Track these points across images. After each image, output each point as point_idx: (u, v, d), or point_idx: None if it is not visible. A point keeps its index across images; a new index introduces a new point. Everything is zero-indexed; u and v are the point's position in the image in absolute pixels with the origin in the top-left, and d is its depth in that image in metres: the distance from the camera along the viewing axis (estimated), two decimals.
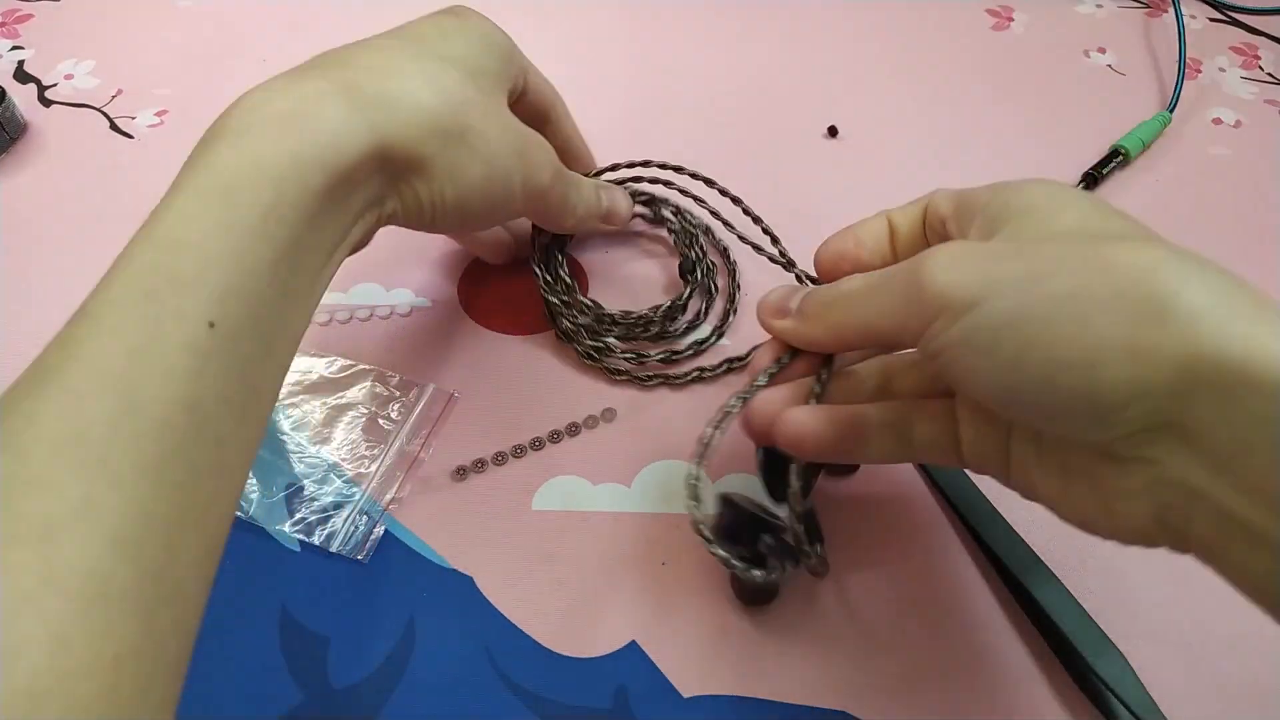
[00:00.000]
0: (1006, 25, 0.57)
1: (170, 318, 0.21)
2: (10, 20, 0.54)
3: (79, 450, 0.19)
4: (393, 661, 0.29)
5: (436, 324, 0.39)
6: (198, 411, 0.21)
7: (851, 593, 0.31)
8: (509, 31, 0.33)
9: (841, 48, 0.54)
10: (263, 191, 0.23)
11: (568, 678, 0.29)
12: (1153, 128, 0.49)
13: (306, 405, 0.36)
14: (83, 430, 0.19)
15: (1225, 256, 0.22)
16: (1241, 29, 0.58)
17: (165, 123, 0.47)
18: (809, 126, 0.49)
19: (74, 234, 0.42)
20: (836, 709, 0.29)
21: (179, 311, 0.21)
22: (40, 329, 0.21)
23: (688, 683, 0.29)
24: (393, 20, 0.32)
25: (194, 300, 0.21)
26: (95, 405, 0.19)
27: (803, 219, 0.44)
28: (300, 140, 0.25)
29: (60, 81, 0.50)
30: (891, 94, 0.52)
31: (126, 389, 0.20)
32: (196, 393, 0.21)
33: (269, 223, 0.23)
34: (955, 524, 0.33)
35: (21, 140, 0.46)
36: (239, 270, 0.22)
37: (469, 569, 0.32)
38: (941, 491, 0.34)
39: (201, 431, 0.21)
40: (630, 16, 0.55)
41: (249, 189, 0.23)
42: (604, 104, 0.50)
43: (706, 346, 0.38)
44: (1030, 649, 0.30)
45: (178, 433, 0.20)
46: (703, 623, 0.31)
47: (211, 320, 0.22)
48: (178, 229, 0.22)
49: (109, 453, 0.19)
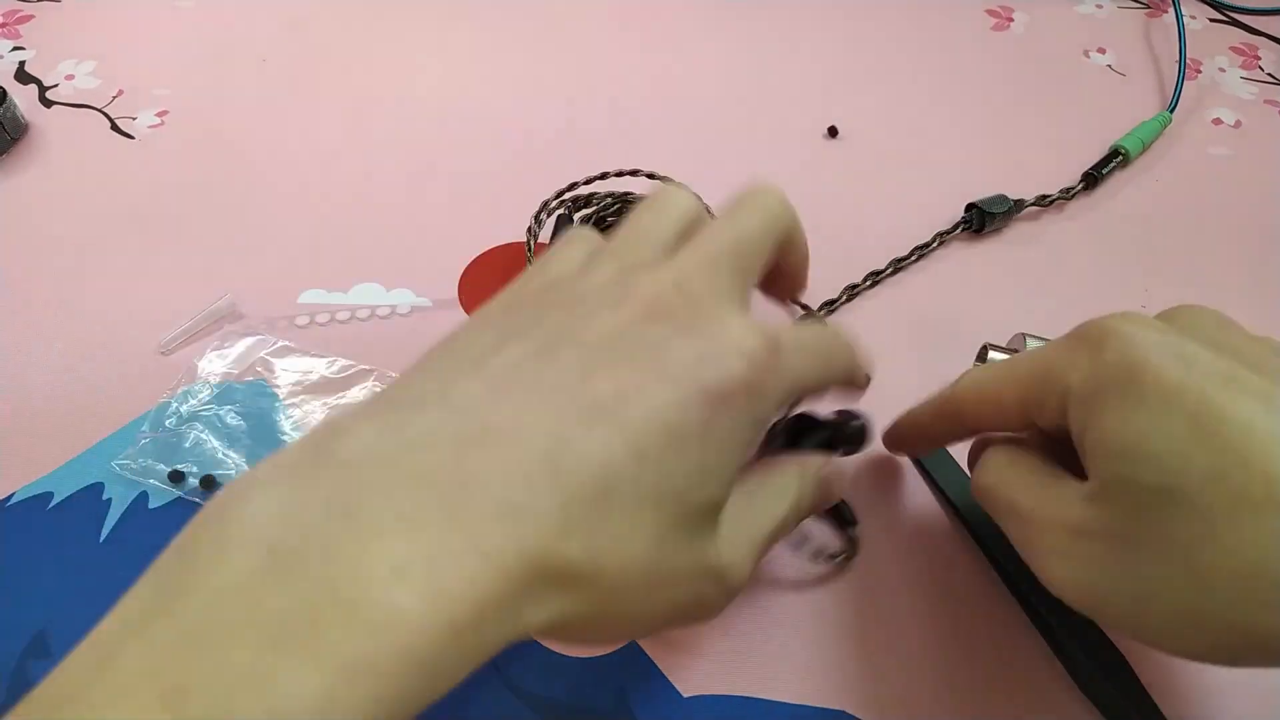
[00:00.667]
0: (1006, 25, 0.57)
1: None
2: (11, 21, 0.54)
3: None
4: None
5: (437, 324, 0.39)
6: None
7: (852, 593, 0.31)
8: (506, 33, 0.33)
9: (841, 48, 0.54)
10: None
11: (568, 677, 0.29)
12: (1153, 128, 0.49)
13: (307, 405, 0.36)
14: None
15: (1225, 256, 0.22)
16: (1241, 29, 0.58)
17: (166, 123, 0.47)
18: (809, 127, 0.49)
19: (74, 234, 0.42)
20: (836, 709, 0.29)
21: None
22: (40, 329, 0.21)
23: (688, 682, 0.29)
24: (391, 20, 0.32)
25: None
26: None
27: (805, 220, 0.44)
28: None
29: (61, 82, 0.50)
30: (891, 94, 0.52)
31: None
32: None
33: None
34: (955, 525, 0.33)
35: (22, 141, 0.46)
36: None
37: None
38: (941, 492, 0.34)
39: None
40: (629, 18, 0.55)
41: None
42: (602, 105, 0.50)
43: None
44: (1030, 649, 0.30)
45: None
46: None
47: None
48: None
49: None
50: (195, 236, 0.42)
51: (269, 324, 0.39)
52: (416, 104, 0.49)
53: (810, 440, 0.30)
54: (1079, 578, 0.23)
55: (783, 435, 0.30)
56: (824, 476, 0.27)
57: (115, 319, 0.38)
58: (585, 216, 0.41)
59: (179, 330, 0.38)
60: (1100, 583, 0.22)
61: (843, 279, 0.40)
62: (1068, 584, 0.23)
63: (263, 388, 0.36)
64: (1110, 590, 0.22)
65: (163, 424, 0.35)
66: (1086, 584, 0.23)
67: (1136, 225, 0.45)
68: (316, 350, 0.37)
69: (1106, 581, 0.22)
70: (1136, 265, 0.43)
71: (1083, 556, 0.22)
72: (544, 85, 0.51)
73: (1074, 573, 0.23)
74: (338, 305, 0.39)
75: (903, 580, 0.32)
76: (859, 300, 0.40)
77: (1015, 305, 0.41)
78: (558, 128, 0.48)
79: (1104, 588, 0.22)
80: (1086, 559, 0.22)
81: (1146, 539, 0.21)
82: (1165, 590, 0.21)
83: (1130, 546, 0.21)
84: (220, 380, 0.36)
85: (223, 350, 0.37)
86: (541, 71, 0.51)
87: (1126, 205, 0.46)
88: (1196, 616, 0.20)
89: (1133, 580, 0.21)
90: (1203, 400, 0.20)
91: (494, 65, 0.52)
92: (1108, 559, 0.22)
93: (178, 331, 0.38)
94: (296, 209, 0.43)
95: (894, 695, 0.29)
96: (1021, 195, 0.44)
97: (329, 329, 0.39)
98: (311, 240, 0.42)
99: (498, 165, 0.46)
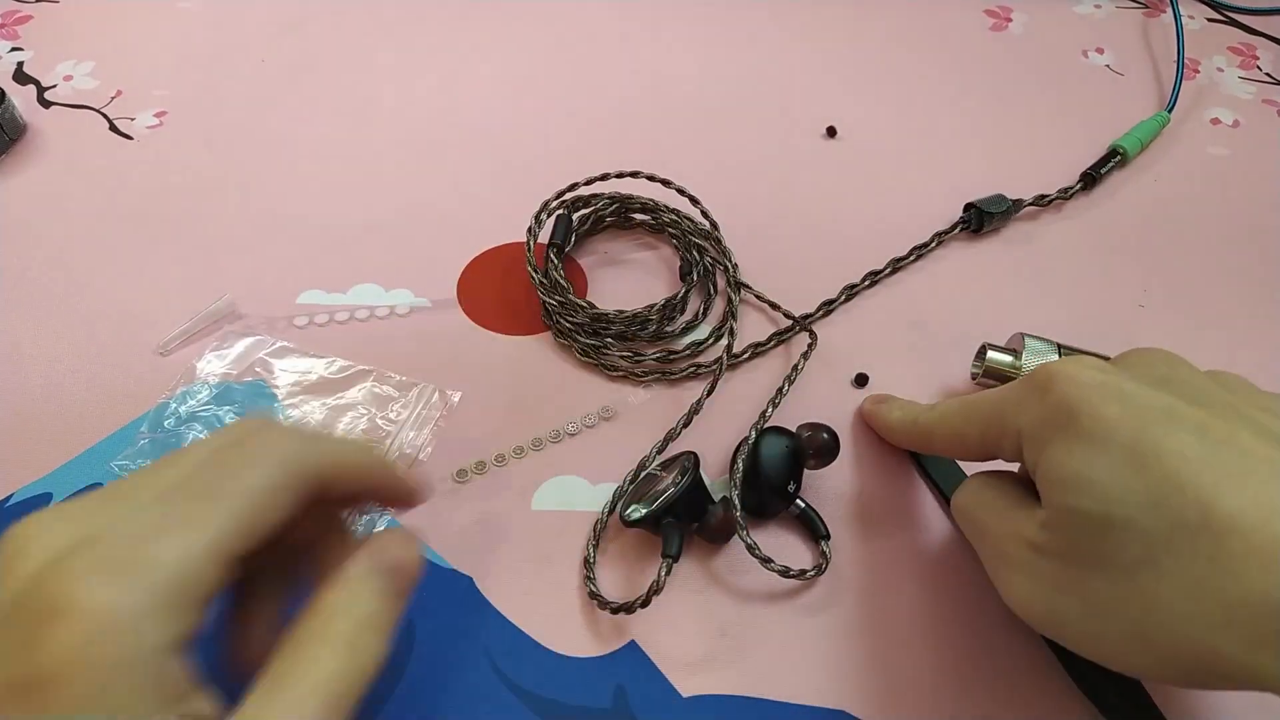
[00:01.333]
0: (1005, 26, 0.57)
1: None
2: (10, 21, 0.54)
3: None
4: (392, 662, 0.29)
5: (436, 324, 0.39)
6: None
7: (850, 592, 0.31)
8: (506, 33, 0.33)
9: (840, 48, 0.54)
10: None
11: (567, 677, 0.29)
12: (1151, 127, 0.49)
13: (306, 406, 0.36)
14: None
15: (1223, 256, 0.22)
16: (1240, 29, 0.58)
17: (164, 124, 0.47)
18: (808, 127, 0.49)
19: (73, 235, 0.42)
20: (836, 709, 0.29)
21: None
22: (40, 329, 0.21)
23: (687, 682, 0.29)
24: (391, 21, 0.32)
25: None
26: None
27: (803, 220, 0.44)
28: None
29: (60, 83, 0.50)
30: (890, 94, 0.52)
31: None
32: None
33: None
34: (954, 525, 0.33)
35: (21, 141, 0.46)
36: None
37: (468, 569, 0.32)
38: (941, 492, 0.34)
39: None
40: (627, 19, 0.55)
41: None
42: (602, 106, 0.50)
43: (704, 348, 0.38)
44: (1030, 649, 0.30)
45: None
46: (702, 622, 0.31)
47: None
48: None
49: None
50: (194, 237, 0.42)
51: (268, 324, 0.39)
52: (415, 105, 0.49)
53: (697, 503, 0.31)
54: (1035, 597, 0.25)
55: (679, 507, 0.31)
56: (387, 568, 0.23)
57: (114, 319, 0.38)
58: (584, 217, 0.41)
59: (178, 331, 0.38)
60: (1055, 602, 0.24)
61: (841, 279, 0.40)
62: (1026, 602, 0.25)
63: (262, 388, 0.36)
64: (1064, 610, 0.24)
65: (162, 424, 0.35)
66: (1042, 603, 0.24)
67: (1134, 225, 0.45)
68: (315, 351, 0.37)
69: (1061, 602, 0.24)
70: (1135, 264, 0.43)
71: (1039, 577, 0.24)
72: (544, 86, 0.51)
73: (1031, 592, 0.25)
74: (337, 306, 0.39)
75: (902, 580, 0.32)
76: (858, 300, 0.41)
77: (1014, 305, 0.41)
78: (557, 128, 0.48)
79: (1059, 608, 0.24)
80: (1042, 579, 0.24)
81: (1095, 563, 0.23)
82: (1114, 611, 0.22)
83: (1081, 569, 0.23)
84: (219, 381, 0.36)
85: (222, 351, 0.37)
86: (541, 72, 0.51)
87: (1125, 205, 0.46)
88: (1144, 636, 0.22)
89: (1083, 602, 0.23)
90: (1139, 433, 0.22)
91: (494, 65, 0.52)
92: (1061, 579, 0.24)
93: (177, 332, 0.38)
94: (295, 210, 0.43)
95: (894, 695, 0.29)
96: (1020, 195, 0.44)
97: (328, 329, 0.39)
98: (310, 241, 0.42)
99: (497, 166, 0.46)
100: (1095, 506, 0.22)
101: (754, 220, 0.43)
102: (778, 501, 0.32)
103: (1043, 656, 0.30)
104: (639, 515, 0.30)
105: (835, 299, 0.40)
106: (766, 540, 0.32)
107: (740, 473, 0.32)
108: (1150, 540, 0.21)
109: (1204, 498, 0.21)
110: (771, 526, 0.33)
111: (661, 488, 0.31)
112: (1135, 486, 0.22)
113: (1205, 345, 0.39)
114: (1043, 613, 0.25)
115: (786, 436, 0.33)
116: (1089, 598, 0.23)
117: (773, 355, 0.38)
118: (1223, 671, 0.21)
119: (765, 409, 0.34)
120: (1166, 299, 0.41)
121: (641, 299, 0.38)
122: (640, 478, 0.33)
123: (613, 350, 0.37)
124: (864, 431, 0.36)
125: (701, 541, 0.32)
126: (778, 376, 0.37)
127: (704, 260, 0.40)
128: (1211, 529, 0.20)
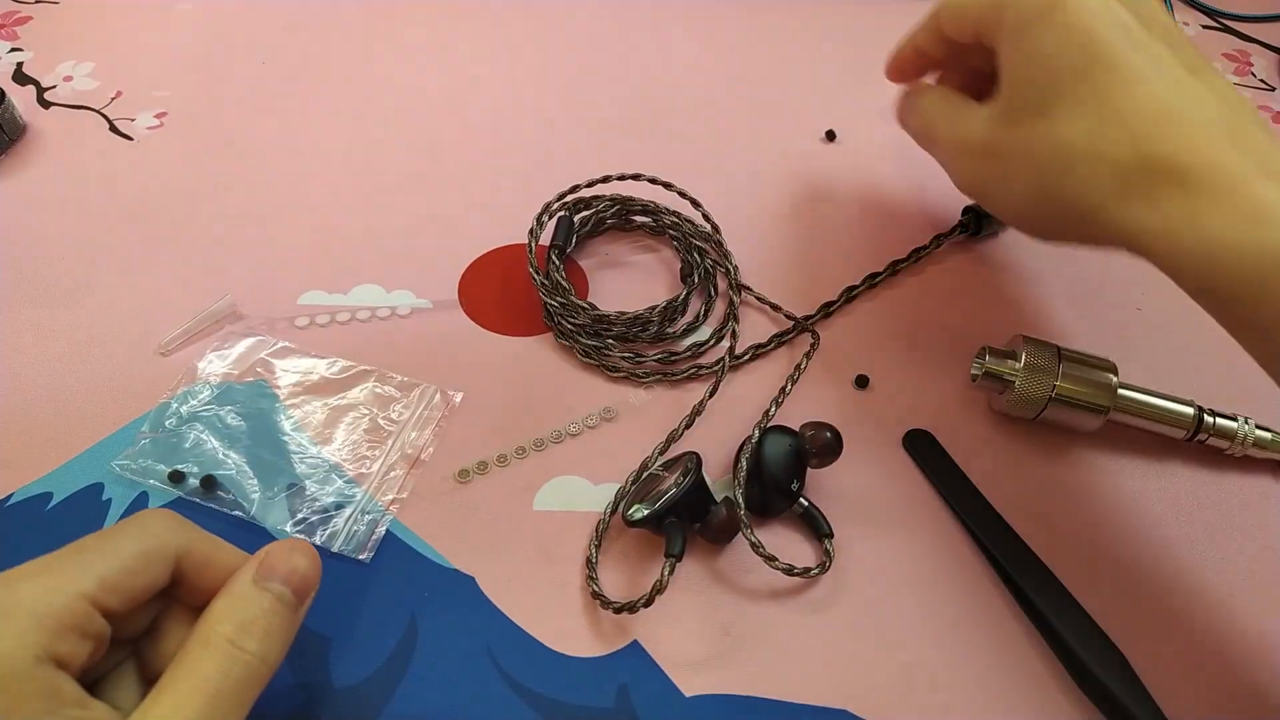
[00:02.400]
0: None
1: None
2: (9, 22, 0.54)
3: None
4: (394, 661, 0.29)
5: (437, 325, 0.39)
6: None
7: (852, 592, 0.32)
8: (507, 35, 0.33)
9: (839, 51, 0.54)
10: None
11: (570, 677, 0.29)
12: None
13: (308, 406, 0.36)
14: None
15: None
16: (1234, 36, 0.58)
17: (164, 124, 0.47)
18: (808, 130, 0.49)
19: (73, 235, 0.42)
20: (836, 708, 0.29)
21: None
22: (40, 329, 0.21)
23: (690, 682, 0.29)
24: (391, 22, 0.32)
25: None
26: None
27: (803, 222, 0.44)
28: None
29: (59, 83, 0.50)
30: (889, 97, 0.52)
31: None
32: None
33: None
34: (957, 526, 0.33)
35: (21, 142, 0.46)
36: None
37: (471, 569, 0.32)
38: (942, 493, 0.34)
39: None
40: (629, 23, 0.56)
41: None
42: (602, 110, 0.50)
43: (705, 349, 0.38)
44: (1030, 649, 0.30)
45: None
46: (704, 622, 0.31)
47: None
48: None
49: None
50: (195, 238, 0.42)
51: (269, 325, 0.39)
52: (416, 106, 0.49)
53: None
54: (974, 176, 0.34)
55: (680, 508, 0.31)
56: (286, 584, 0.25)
57: (115, 319, 0.38)
58: (585, 218, 0.42)
59: (179, 331, 0.38)
60: (983, 173, 0.33)
61: (841, 281, 0.40)
62: (966, 182, 0.35)
63: (263, 388, 0.36)
64: (990, 180, 0.33)
65: (162, 424, 0.35)
66: (979, 180, 0.34)
67: None
68: (317, 351, 0.37)
69: (987, 172, 0.33)
70: (1131, 268, 0.43)
71: (977, 159, 0.33)
72: (546, 87, 0.51)
73: (972, 173, 0.34)
74: (338, 306, 0.39)
75: (902, 580, 0.32)
76: (857, 302, 0.41)
77: (1012, 307, 0.41)
78: (559, 130, 0.48)
79: (986, 177, 0.33)
80: (980, 161, 0.33)
81: (1019, 140, 0.30)
82: (1021, 174, 0.31)
83: (1006, 148, 0.31)
84: (220, 381, 0.36)
85: (223, 351, 0.37)
86: (543, 73, 0.52)
87: None
88: (1043, 191, 0.30)
89: (1003, 175, 0.32)
90: (1092, 30, 0.28)
91: (495, 67, 0.52)
92: (992, 161, 0.32)
93: (178, 332, 0.37)
94: (296, 210, 0.43)
95: (894, 695, 0.29)
96: None
97: (329, 330, 0.39)
98: (311, 242, 0.42)
99: (498, 167, 0.46)
100: (1041, 75, 0.29)
101: (755, 222, 0.44)
102: (781, 500, 0.32)
103: (1043, 656, 0.30)
104: (642, 515, 0.30)
105: (835, 301, 0.40)
106: (770, 539, 0.32)
107: (744, 471, 0.32)
108: (1060, 87, 0.29)
109: (1116, 67, 0.28)
110: (774, 525, 0.33)
111: (664, 488, 0.31)
112: (1073, 58, 0.28)
113: (1203, 348, 0.39)
114: (978, 186, 0.34)
115: (790, 435, 0.33)
116: (1007, 171, 0.31)
117: (773, 357, 0.39)
118: (1099, 220, 0.29)
119: (769, 407, 0.34)
120: (1162, 301, 0.41)
121: (642, 301, 0.39)
122: (643, 478, 0.33)
123: (614, 351, 0.37)
124: (866, 431, 0.36)
125: (703, 541, 0.32)
126: (778, 378, 0.37)
127: (705, 262, 0.40)
128: (1109, 86, 0.28)
